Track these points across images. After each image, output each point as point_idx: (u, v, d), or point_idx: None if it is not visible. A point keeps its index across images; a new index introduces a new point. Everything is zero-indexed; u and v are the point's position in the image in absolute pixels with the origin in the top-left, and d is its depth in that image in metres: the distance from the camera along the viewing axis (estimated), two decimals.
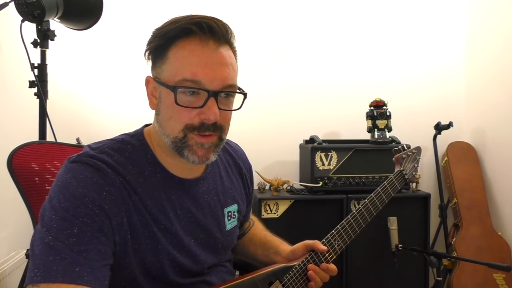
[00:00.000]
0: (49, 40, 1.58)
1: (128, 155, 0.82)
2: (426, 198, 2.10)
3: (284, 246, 1.05)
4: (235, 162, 1.05)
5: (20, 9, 1.45)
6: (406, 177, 1.23)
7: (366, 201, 1.09)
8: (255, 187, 2.18)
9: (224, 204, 0.96)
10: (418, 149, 1.35)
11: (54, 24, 1.60)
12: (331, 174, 2.06)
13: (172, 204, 0.85)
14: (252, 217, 1.20)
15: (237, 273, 1.08)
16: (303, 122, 2.43)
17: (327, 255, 0.98)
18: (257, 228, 1.16)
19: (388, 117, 2.18)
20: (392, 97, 2.26)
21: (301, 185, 2.15)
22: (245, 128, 2.40)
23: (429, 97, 2.51)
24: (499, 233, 2.20)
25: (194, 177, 0.89)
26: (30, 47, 1.53)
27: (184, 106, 0.77)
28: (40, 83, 1.55)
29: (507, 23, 2.20)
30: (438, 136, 2.30)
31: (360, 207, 1.07)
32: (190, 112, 0.77)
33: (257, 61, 2.40)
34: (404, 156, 1.27)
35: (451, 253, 2.19)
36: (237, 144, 1.12)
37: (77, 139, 2.02)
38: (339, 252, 1.00)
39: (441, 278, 1.84)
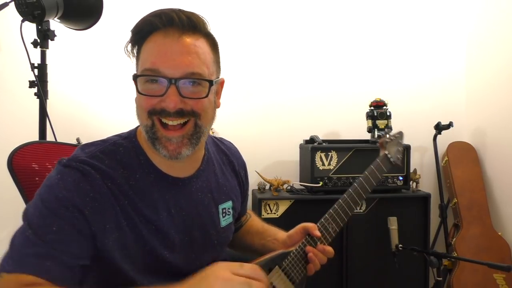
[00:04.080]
0: (49, 40, 1.58)
1: (119, 158, 0.83)
2: (426, 198, 2.10)
3: (281, 233, 1.08)
4: (229, 159, 1.06)
5: (20, 9, 1.45)
6: (392, 159, 1.27)
7: (355, 185, 1.10)
8: (255, 187, 2.18)
9: (219, 201, 0.97)
10: (400, 134, 1.40)
11: (54, 24, 1.60)
12: (331, 174, 2.06)
13: (166, 203, 0.85)
14: (249, 211, 1.22)
15: None
16: (303, 122, 2.43)
17: (322, 238, 1.00)
18: (254, 220, 1.19)
19: (388, 117, 2.18)
20: (392, 97, 2.25)
21: (301, 185, 2.15)
22: (245, 129, 2.40)
23: (429, 97, 2.51)
24: (499, 233, 2.20)
25: (188, 175, 0.90)
26: (30, 47, 1.53)
27: (145, 94, 0.79)
28: (40, 83, 1.55)
29: (508, 24, 2.20)
30: (438, 136, 2.30)
31: (350, 191, 1.09)
32: (151, 99, 0.79)
33: (257, 61, 2.40)
34: (387, 140, 1.31)
35: (451, 253, 2.19)
36: (230, 142, 1.13)
37: (77, 139, 2.02)
38: (333, 235, 1.02)
39: (441, 278, 1.84)
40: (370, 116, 2.19)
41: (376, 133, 2.17)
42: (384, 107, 2.19)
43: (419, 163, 2.49)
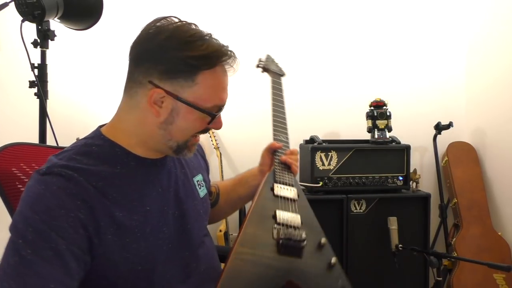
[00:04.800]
0: (49, 40, 1.58)
1: (96, 156, 0.85)
2: (426, 198, 2.10)
3: (254, 169, 1.23)
4: None
5: (20, 9, 1.45)
6: (277, 70, 1.45)
7: (272, 103, 1.31)
8: None
9: (191, 174, 1.04)
10: (267, 55, 1.56)
11: (54, 24, 1.60)
12: (331, 174, 2.06)
13: (152, 184, 0.90)
14: (214, 182, 1.29)
15: None
16: (303, 122, 2.42)
17: (283, 146, 1.20)
18: (224, 182, 1.31)
19: (388, 117, 2.18)
20: (392, 97, 2.26)
21: (301, 185, 2.15)
22: (246, 129, 2.40)
23: (429, 97, 2.51)
24: (499, 233, 2.20)
25: (161, 156, 0.95)
26: (30, 47, 1.52)
27: (211, 127, 0.90)
28: (40, 83, 1.54)
29: (508, 24, 2.20)
30: (438, 136, 2.30)
31: (272, 109, 1.29)
32: (204, 123, 0.89)
33: (256, 61, 2.40)
34: (266, 63, 1.49)
35: (451, 253, 2.19)
36: None
37: (77, 139, 2.02)
38: (288, 142, 1.23)
39: (441, 278, 1.84)
40: (370, 116, 2.19)
41: (376, 133, 2.17)
42: (384, 107, 2.19)
43: (419, 163, 2.49)
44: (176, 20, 0.86)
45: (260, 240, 0.91)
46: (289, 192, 1.06)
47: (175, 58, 0.83)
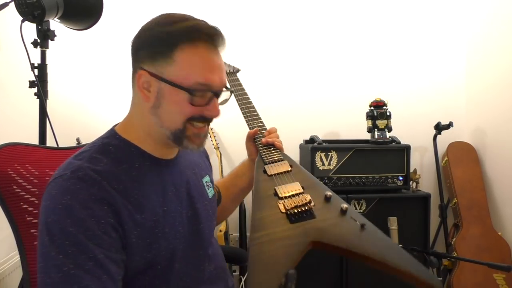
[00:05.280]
0: (49, 40, 1.58)
1: (114, 156, 0.85)
2: (426, 198, 2.10)
3: (245, 160, 1.27)
4: None
5: (20, 9, 1.45)
6: (233, 70, 1.47)
7: (235, 93, 1.34)
8: None
9: (201, 175, 1.06)
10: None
11: (54, 24, 1.60)
12: (331, 174, 2.06)
13: (167, 183, 0.91)
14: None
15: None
16: (303, 122, 2.43)
17: (260, 129, 1.24)
18: (221, 181, 1.33)
19: (388, 117, 2.18)
20: (393, 97, 2.26)
21: None
22: (246, 129, 2.40)
23: (429, 97, 2.51)
24: (499, 233, 2.20)
25: (174, 157, 0.96)
26: (30, 47, 1.52)
27: (196, 105, 0.85)
28: (40, 83, 1.54)
29: (508, 24, 2.20)
30: (438, 136, 2.30)
31: (239, 104, 1.34)
32: (195, 108, 0.85)
33: (257, 61, 2.40)
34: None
35: (451, 253, 2.19)
36: None
37: (77, 139, 2.02)
38: (263, 124, 1.28)
39: (441, 278, 1.85)
40: (370, 116, 2.19)
41: (376, 133, 2.17)
42: (384, 107, 2.19)
43: (419, 163, 2.49)
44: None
45: (269, 219, 0.92)
46: (281, 166, 1.09)
47: (153, 36, 0.84)
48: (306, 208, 0.94)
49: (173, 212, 0.90)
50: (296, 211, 0.93)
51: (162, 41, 0.82)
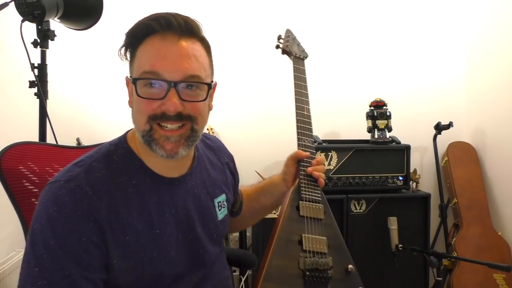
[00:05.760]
0: (49, 40, 1.58)
1: (115, 166, 0.83)
2: (426, 198, 2.10)
3: (276, 178, 1.16)
4: (216, 154, 1.09)
5: (20, 9, 1.45)
6: (302, 56, 1.33)
7: (296, 97, 1.20)
8: None
9: (213, 195, 0.98)
10: (288, 31, 1.43)
11: (54, 24, 1.60)
12: (331, 174, 2.06)
13: (166, 205, 0.86)
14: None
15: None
16: None
17: (310, 154, 1.12)
18: (246, 189, 1.23)
19: (388, 117, 2.18)
20: (393, 97, 2.26)
21: None
22: (246, 129, 2.40)
23: (429, 97, 2.50)
24: (499, 233, 2.20)
25: (182, 174, 0.91)
26: (30, 47, 1.52)
27: (145, 97, 0.78)
28: (40, 83, 1.54)
29: (508, 24, 2.20)
30: (438, 136, 2.30)
31: (296, 105, 1.19)
32: (152, 103, 0.79)
33: (257, 61, 2.40)
34: (286, 44, 1.35)
35: (451, 253, 2.19)
36: (215, 137, 1.17)
37: (77, 139, 2.02)
38: (313, 145, 1.15)
39: (441, 278, 1.84)
40: (370, 116, 2.19)
41: (376, 133, 2.17)
42: (384, 107, 2.19)
43: (419, 163, 2.49)
44: None
45: (285, 272, 0.88)
46: (315, 210, 1.03)
47: (123, 44, 0.84)
48: (324, 275, 0.90)
49: (166, 235, 0.85)
50: (313, 274, 0.89)
51: (129, 44, 0.83)
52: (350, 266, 0.95)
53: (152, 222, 0.83)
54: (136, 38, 0.81)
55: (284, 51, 1.34)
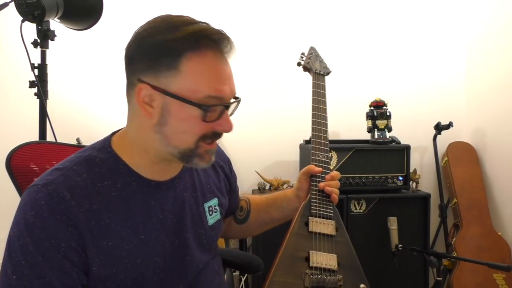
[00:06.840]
0: (49, 40, 1.58)
1: (97, 170, 0.79)
2: (426, 198, 2.10)
3: (289, 192, 1.13)
4: None
5: (20, 9, 1.45)
6: (322, 72, 1.31)
7: (313, 113, 1.17)
8: (255, 187, 2.18)
9: (204, 199, 0.95)
10: (312, 48, 1.44)
11: (54, 24, 1.60)
12: None
13: (153, 209, 0.83)
14: (245, 195, 1.21)
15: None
16: (303, 122, 2.41)
17: (323, 169, 1.09)
18: (256, 199, 1.20)
19: (388, 117, 2.18)
20: (392, 97, 2.26)
21: None
22: (246, 129, 2.40)
23: (429, 97, 2.51)
24: (499, 233, 2.20)
25: (171, 177, 0.88)
26: (30, 47, 1.52)
27: (208, 121, 0.77)
28: (40, 83, 1.54)
29: (508, 24, 2.20)
30: (438, 136, 2.30)
31: (313, 120, 1.16)
32: (207, 125, 0.78)
33: (257, 61, 2.40)
34: (308, 61, 1.34)
35: (451, 253, 2.19)
36: None
37: (77, 139, 2.02)
38: (328, 160, 1.12)
39: (441, 278, 1.85)
40: (370, 116, 2.19)
41: (376, 133, 2.17)
42: (384, 107, 2.19)
43: (419, 163, 2.49)
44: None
45: None
46: (326, 227, 0.97)
47: (155, 45, 0.74)
48: None
49: (152, 241, 0.82)
50: None
51: (166, 51, 0.74)
52: (362, 285, 0.90)
53: (137, 227, 0.80)
54: (179, 49, 0.74)
55: (305, 68, 1.34)
